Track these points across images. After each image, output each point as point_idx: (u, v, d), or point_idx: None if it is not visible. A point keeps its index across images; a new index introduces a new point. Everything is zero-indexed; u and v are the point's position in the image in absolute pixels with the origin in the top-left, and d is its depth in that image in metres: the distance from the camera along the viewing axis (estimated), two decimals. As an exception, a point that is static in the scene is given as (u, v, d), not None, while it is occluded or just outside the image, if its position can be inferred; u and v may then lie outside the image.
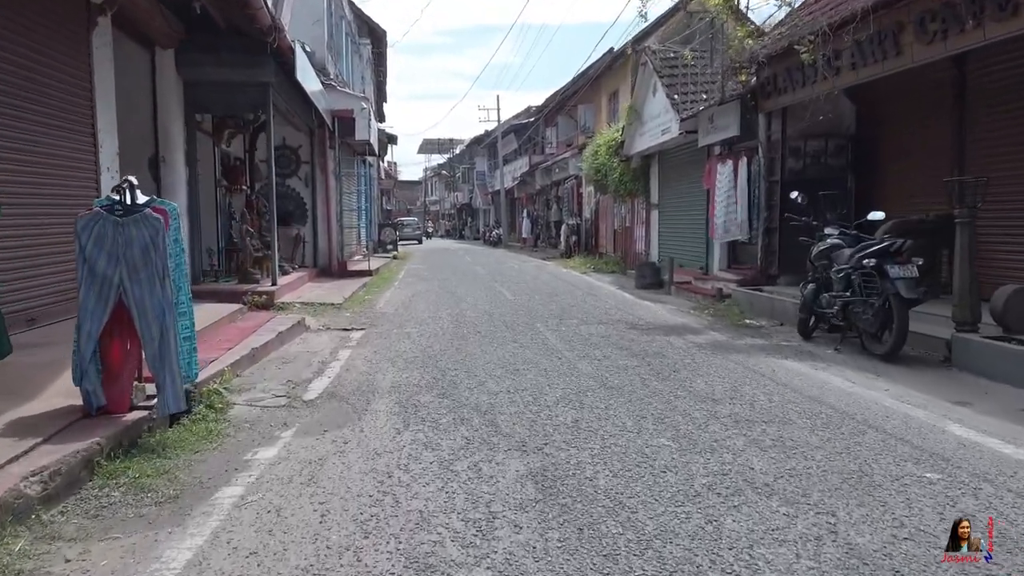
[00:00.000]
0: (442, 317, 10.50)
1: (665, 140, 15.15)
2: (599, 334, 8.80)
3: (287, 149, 17.57)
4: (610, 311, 11.25)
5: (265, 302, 10.81)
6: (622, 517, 3.25)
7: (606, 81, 27.98)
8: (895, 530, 3.13)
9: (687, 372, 6.47)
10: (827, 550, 2.93)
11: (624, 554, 2.89)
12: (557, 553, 2.91)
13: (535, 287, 15.22)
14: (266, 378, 6.27)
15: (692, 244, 15.30)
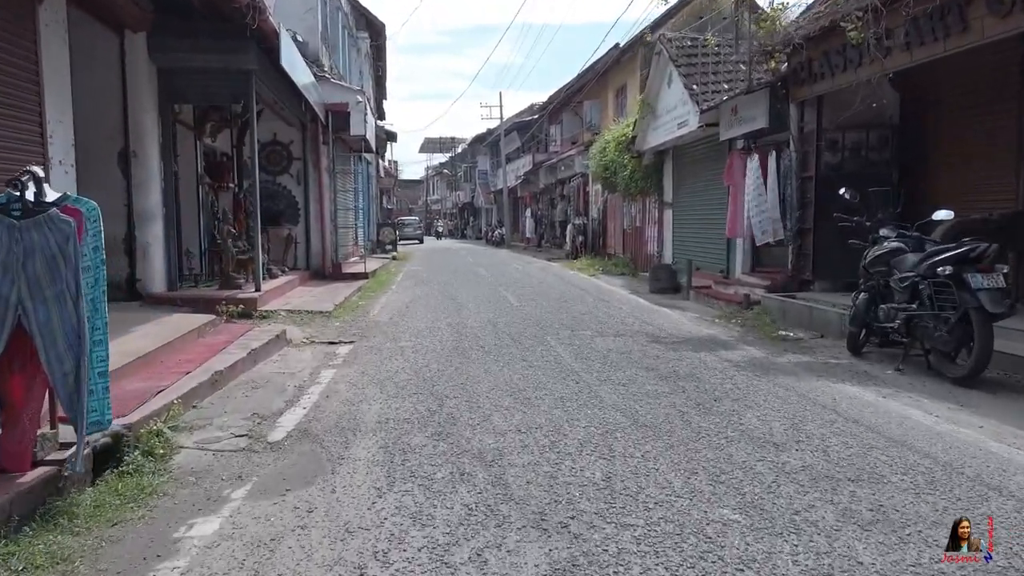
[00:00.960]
0: (441, 327, 9.47)
1: (682, 134, 14.10)
2: (618, 349, 7.75)
3: (278, 145, 16.55)
4: (626, 320, 10.21)
5: (245, 311, 9.79)
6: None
7: (613, 76, 26.97)
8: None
9: (732, 402, 5.42)
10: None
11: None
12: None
13: (542, 291, 14.17)
14: (228, 410, 5.23)
15: (710, 245, 14.24)
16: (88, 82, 9.68)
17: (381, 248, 28.55)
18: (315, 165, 16.49)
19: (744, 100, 11.37)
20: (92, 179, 9.87)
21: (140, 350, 5.65)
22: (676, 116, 14.34)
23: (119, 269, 9.90)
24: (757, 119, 11.16)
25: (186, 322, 7.34)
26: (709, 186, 14.26)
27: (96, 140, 9.86)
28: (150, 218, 10.00)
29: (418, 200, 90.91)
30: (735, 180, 12.40)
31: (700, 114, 12.69)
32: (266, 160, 16.50)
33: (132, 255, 9.86)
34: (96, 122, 9.78)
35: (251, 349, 6.74)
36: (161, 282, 10.24)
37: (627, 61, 25.60)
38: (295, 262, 16.27)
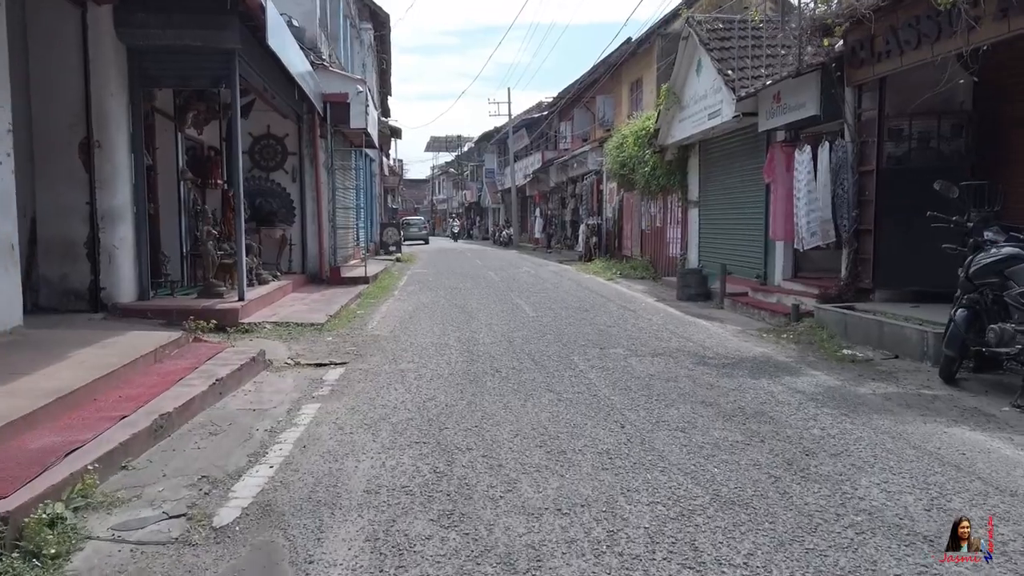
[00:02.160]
0: (449, 344, 8.21)
1: (713, 125, 12.80)
2: (662, 374, 6.48)
3: (271, 139, 15.32)
4: (659, 334, 8.92)
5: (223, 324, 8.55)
6: None
7: (628, 70, 25.70)
8: None
9: (832, 459, 4.13)
10: None
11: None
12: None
13: (558, 298, 12.90)
14: (169, 471, 3.96)
15: (744, 248, 12.94)
16: (45, 62, 8.47)
17: (384, 249, 27.32)
18: (312, 160, 15.25)
19: (790, 85, 10.07)
20: (52, 172, 8.67)
21: (65, 386, 4.40)
22: (706, 106, 13.04)
23: (80, 276, 8.68)
24: (806, 106, 9.85)
25: (142, 342, 6.08)
26: (743, 183, 12.97)
27: (56, 128, 8.65)
28: (117, 218, 8.76)
29: (424, 200, 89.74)
30: (776, 176, 11.12)
31: (736, 102, 11.39)
32: (259, 155, 15.32)
33: (96, 260, 8.63)
34: (55, 108, 8.57)
35: (217, 378, 5.48)
36: (130, 291, 9.01)
37: (643, 53, 24.33)
38: (290, 265, 15.05)
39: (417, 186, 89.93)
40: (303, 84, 12.95)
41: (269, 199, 14.97)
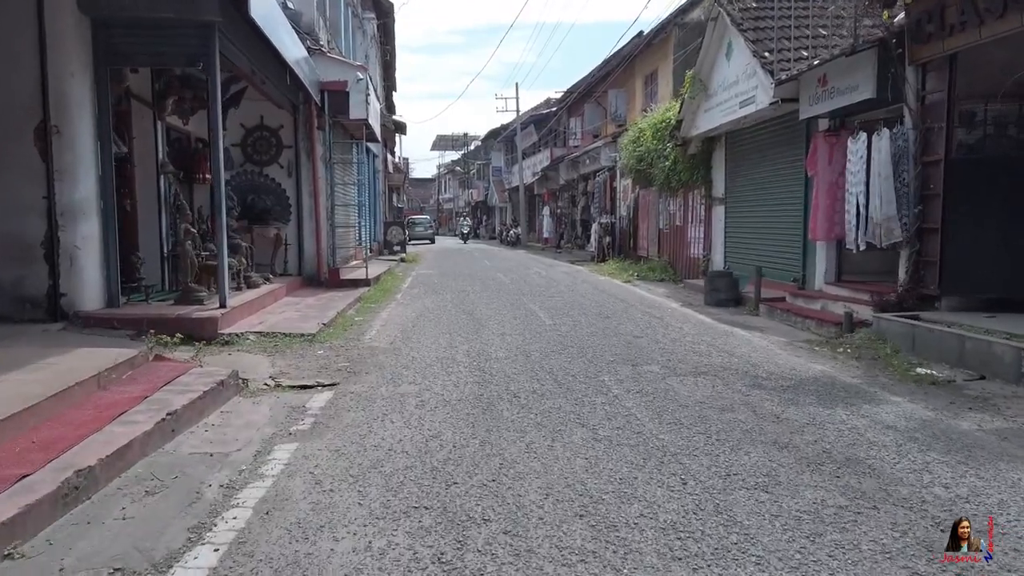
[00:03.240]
0: (457, 359, 7.12)
1: (745, 114, 11.68)
2: (713, 401, 5.38)
3: (265, 130, 14.26)
4: (696, 346, 7.82)
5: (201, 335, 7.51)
6: None
7: (643, 61, 24.63)
8: None
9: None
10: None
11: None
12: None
13: (575, 303, 11.80)
14: (71, 560, 2.86)
15: (778, 249, 11.82)
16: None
17: (388, 249, 26.26)
18: (309, 154, 14.18)
19: (840, 65, 8.94)
20: (2, 162, 7.64)
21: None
22: (738, 93, 11.92)
23: (37, 281, 7.62)
24: (859, 88, 8.72)
25: (84, 364, 5.00)
26: (777, 177, 11.84)
27: (8, 112, 7.60)
28: (80, 214, 7.71)
29: (430, 199, 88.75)
30: (818, 169, 10.01)
31: (775, 87, 10.27)
32: (251, 148, 14.26)
33: (55, 262, 7.58)
34: (6, 89, 7.51)
35: (169, 411, 4.40)
36: (96, 297, 7.96)
37: (659, 44, 23.24)
38: (285, 267, 13.99)
39: (423, 185, 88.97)
40: (298, 70, 11.88)
41: (262, 195, 13.92)
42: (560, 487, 3.62)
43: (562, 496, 3.50)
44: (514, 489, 3.59)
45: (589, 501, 3.44)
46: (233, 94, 12.94)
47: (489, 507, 3.37)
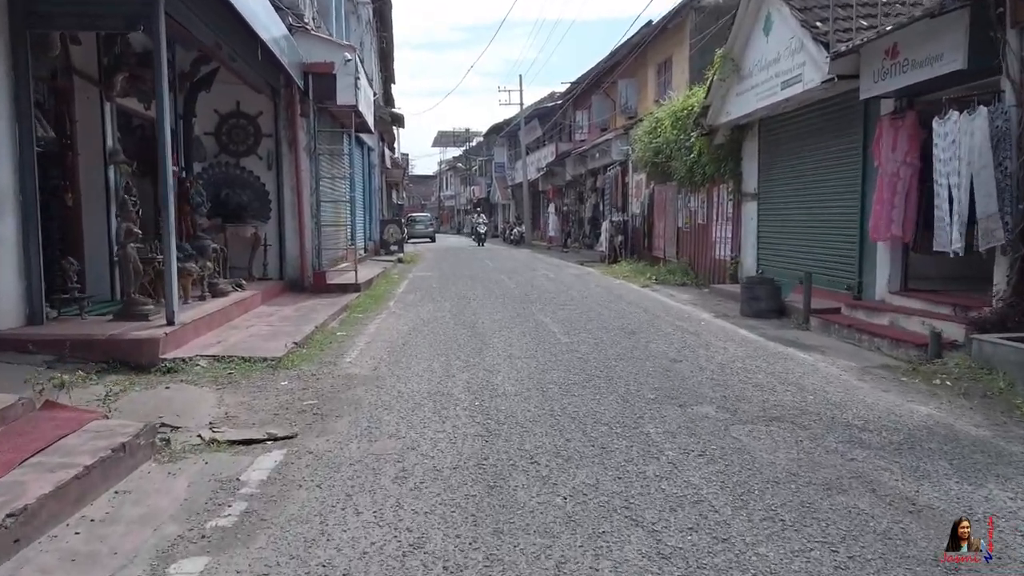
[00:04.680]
0: (454, 394, 5.61)
1: (789, 96, 10.13)
2: (809, 472, 3.85)
3: (241, 117, 12.76)
4: (752, 375, 6.29)
5: (138, 361, 6.01)
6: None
7: (655, 49, 23.10)
8: None
9: None
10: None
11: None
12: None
13: (591, 312, 10.27)
14: None
15: (827, 251, 10.27)
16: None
17: (386, 249, 24.74)
18: (291, 144, 12.68)
19: (917, 31, 7.39)
20: None
21: None
22: (778, 72, 10.38)
23: (-71, 292, 6.15)
24: (943, 58, 7.17)
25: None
26: (825, 169, 10.29)
27: None
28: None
29: (431, 196, 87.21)
30: (882, 158, 8.49)
31: (830, 61, 8.73)
32: (226, 137, 12.77)
33: (-47, 270, 6.09)
34: None
35: (13, 510, 2.88)
36: (12, 312, 6.49)
37: (673, 30, 21.71)
38: (264, 270, 12.49)
39: (424, 182, 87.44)
40: (275, 48, 10.34)
41: (238, 190, 12.41)
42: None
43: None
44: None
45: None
46: (204, 75, 11.43)
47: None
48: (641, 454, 4.15)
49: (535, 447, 4.28)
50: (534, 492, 3.58)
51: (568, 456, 4.11)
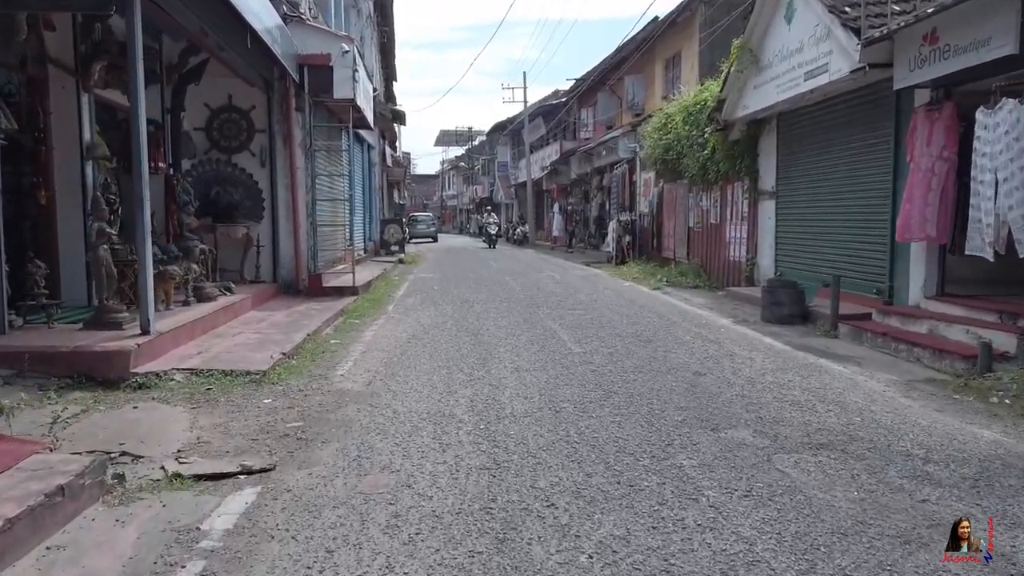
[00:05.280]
0: (457, 416, 4.99)
1: (812, 87, 9.51)
2: (876, 518, 3.23)
3: (233, 111, 12.15)
4: (787, 391, 5.67)
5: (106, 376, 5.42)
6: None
7: (663, 44, 22.47)
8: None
9: None
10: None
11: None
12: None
13: (603, 318, 9.66)
14: None
15: (853, 252, 9.65)
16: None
17: (386, 249, 24.13)
18: (285, 140, 12.07)
19: (961, 14, 6.76)
20: None
21: None
22: (802, 62, 9.75)
23: None
24: (992, 43, 6.53)
25: None
26: (852, 165, 9.66)
27: None
28: (-60, 209, 5.63)
29: (433, 196, 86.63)
30: (916, 153, 7.86)
31: (861, 49, 8.10)
32: (218, 132, 12.15)
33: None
34: None
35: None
36: (-32, 321, 5.88)
37: (683, 24, 21.08)
38: (257, 273, 11.88)
39: (426, 181, 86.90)
40: (267, 38, 9.74)
41: (229, 188, 11.81)
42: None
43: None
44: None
45: None
46: (193, 67, 10.83)
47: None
48: (676, 494, 3.53)
49: (551, 485, 3.67)
50: (552, 548, 2.97)
51: (590, 497, 3.50)
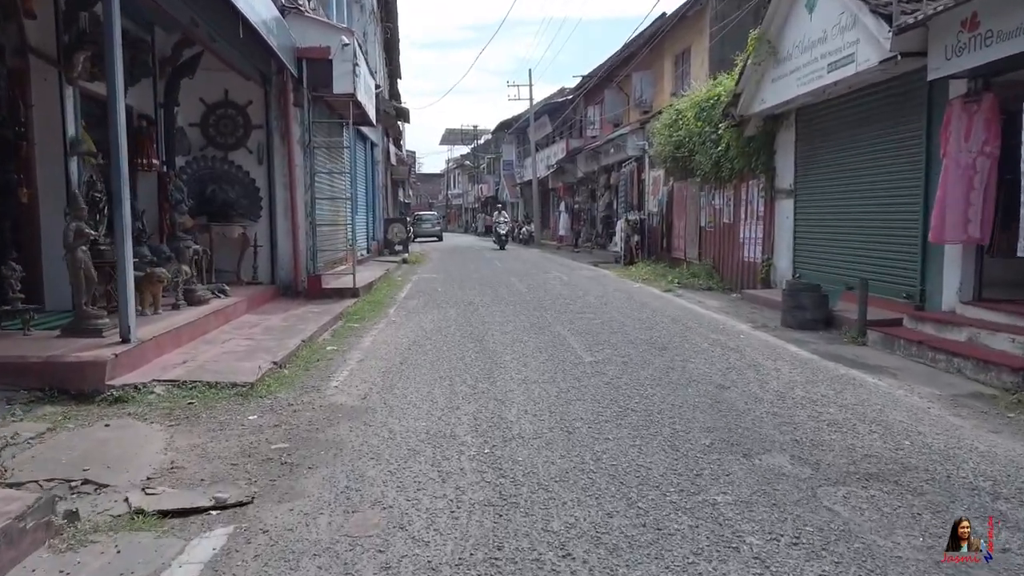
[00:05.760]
0: (459, 437, 4.51)
1: (836, 80, 8.99)
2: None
3: (230, 107, 11.70)
4: (823, 409, 5.17)
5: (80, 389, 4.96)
6: None
7: (673, 39, 21.98)
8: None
9: None
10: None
11: None
12: None
13: (614, 323, 9.17)
14: None
15: (879, 254, 9.13)
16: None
17: (390, 249, 23.66)
18: (284, 136, 11.61)
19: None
20: None
21: None
22: (825, 52, 9.23)
23: None
24: (1043, 27, 6.03)
25: None
26: (879, 161, 9.14)
27: None
28: None
29: (438, 195, 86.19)
30: (948, 149, 7.35)
31: (893, 37, 7.58)
32: (213, 128, 11.71)
33: None
34: None
35: None
36: (-70, 329, 5.42)
37: (693, 18, 20.58)
38: (254, 274, 11.43)
39: (431, 180, 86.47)
40: (262, 30, 9.27)
41: (225, 186, 11.36)
42: None
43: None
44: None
45: None
46: (187, 60, 10.39)
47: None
48: (712, 541, 3.04)
49: (566, 527, 3.18)
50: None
51: (613, 545, 3.01)
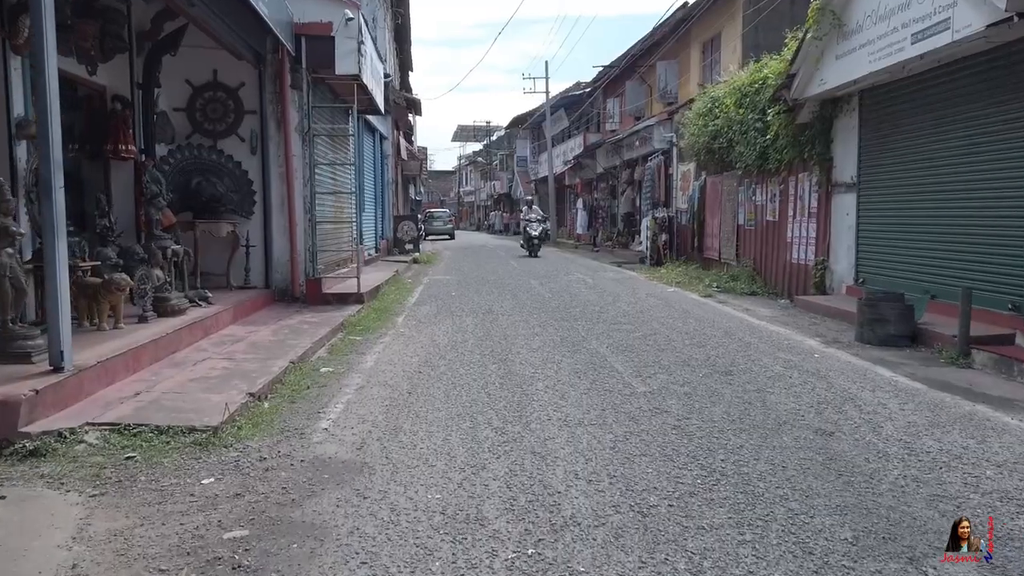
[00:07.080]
0: (488, 518, 3.18)
1: (924, 51, 7.60)
2: None
3: (219, 90, 10.41)
4: (971, 468, 3.83)
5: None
6: None
7: (701, 25, 20.64)
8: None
9: None
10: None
11: None
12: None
13: (657, 336, 7.82)
14: None
15: (976, 258, 7.73)
16: None
17: (400, 248, 22.38)
18: (279, 123, 10.33)
19: None
20: None
21: None
22: (908, 20, 7.84)
23: None
24: None
25: None
26: (974, 150, 7.74)
27: None
28: None
29: (450, 192, 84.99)
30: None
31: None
32: (200, 113, 10.43)
33: None
34: None
35: None
36: None
37: (723, 3, 19.20)
38: (246, 277, 10.16)
39: (443, 178, 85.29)
40: (256, 4, 7.99)
41: (213, 178, 10.04)
42: None
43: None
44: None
45: None
46: (168, 34, 9.11)
47: None
48: None
49: None
50: None
51: None
